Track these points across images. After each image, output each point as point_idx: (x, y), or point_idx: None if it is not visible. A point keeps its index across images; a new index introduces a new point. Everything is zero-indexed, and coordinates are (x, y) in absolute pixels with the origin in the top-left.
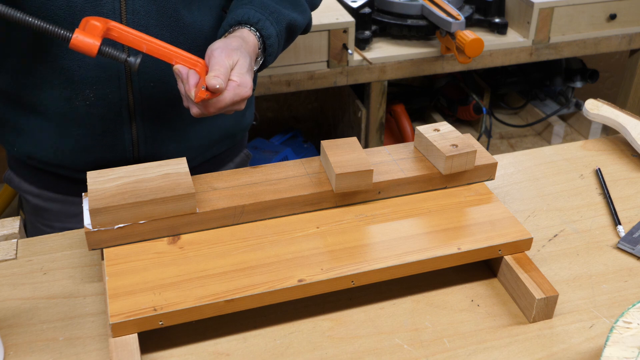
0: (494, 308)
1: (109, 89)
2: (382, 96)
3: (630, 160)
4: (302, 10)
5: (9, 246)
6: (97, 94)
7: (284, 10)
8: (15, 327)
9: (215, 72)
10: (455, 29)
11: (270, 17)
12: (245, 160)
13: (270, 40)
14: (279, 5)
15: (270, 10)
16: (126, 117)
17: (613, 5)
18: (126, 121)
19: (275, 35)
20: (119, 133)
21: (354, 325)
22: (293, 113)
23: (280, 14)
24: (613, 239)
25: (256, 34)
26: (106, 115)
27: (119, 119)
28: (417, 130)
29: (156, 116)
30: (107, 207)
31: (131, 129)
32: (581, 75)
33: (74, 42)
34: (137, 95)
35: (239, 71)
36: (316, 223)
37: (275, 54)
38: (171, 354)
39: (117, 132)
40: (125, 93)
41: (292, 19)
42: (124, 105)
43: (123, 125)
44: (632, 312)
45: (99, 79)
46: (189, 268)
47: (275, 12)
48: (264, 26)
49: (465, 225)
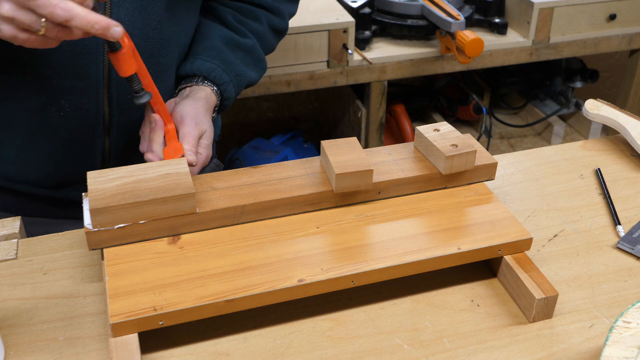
0: (494, 308)
1: (86, 99)
2: (382, 96)
3: (630, 160)
4: (260, 68)
5: (9, 246)
6: (73, 104)
7: (247, 71)
8: (15, 327)
9: (188, 145)
10: (455, 29)
11: (234, 80)
12: (215, 169)
13: (229, 101)
14: (244, 64)
15: (236, 72)
16: (100, 130)
17: (613, 5)
18: (100, 134)
19: (233, 97)
20: (90, 146)
21: (354, 325)
22: (293, 113)
23: (242, 76)
24: (613, 239)
25: (217, 92)
26: (80, 127)
27: (93, 132)
28: (417, 130)
29: (130, 130)
30: (107, 207)
31: (104, 142)
32: (581, 75)
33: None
34: (114, 106)
35: (207, 142)
36: (316, 223)
37: (232, 100)
38: (171, 354)
39: (89, 145)
40: (102, 104)
41: (250, 79)
42: (99, 117)
43: (96, 138)
44: (632, 312)
45: (77, 88)
46: (189, 268)
47: (239, 74)
48: (227, 89)
49: (465, 225)
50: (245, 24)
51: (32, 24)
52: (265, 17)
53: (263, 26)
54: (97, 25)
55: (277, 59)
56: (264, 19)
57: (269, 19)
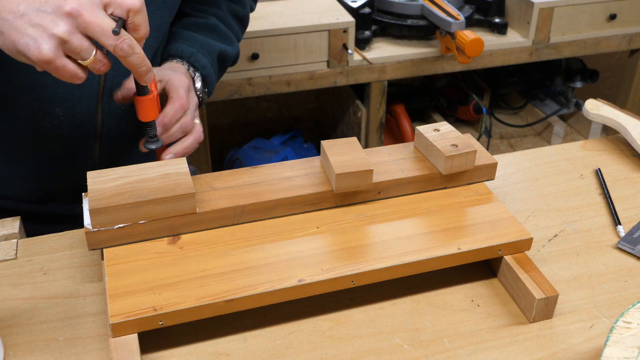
0: (494, 308)
1: (80, 108)
2: (382, 96)
3: (630, 160)
4: (230, 42)
5: (9, 246)
6: (68, 113)
7: (213, 41)
8: (15, 327)
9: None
10: (455, 29)
11: (202, 50)
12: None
13: (206, 70)
14: (207, 38)
15: (201, 43)
16: (92, 139)
17: (613, 5)
18: (91, 144)
19: (210, 65)
20: (81, 156)
21: (354, 325)
22: (293, 113)
23: (210, 45)
24: (613, 239)
25: (189, 67)
26: (72, 136)
27: (85, 141)
28: (417, 130)
29: (121, 140)
30: (107, 207)
31: (94, 152)
32: (581, 75)
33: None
34: (106, 116)
35: (197, 114)
36: (316, 223)
37: (213, 84)
38: (171, 354)
39: (80, 155)
40: (95, 114)
41: (222, 49)
42: (92, 126)
43: (87, 148)
44: (632, 312)
45: (73, 97)
46: (189, 268)
47: (205, 44)
48: (197, 58)
49: (465, 225)
50: (204, 10)
51: (83, 52)
52: (224, 4)
53: (223, 12)
54: (144, 67)
55: (277, 59)
56: (223, 6)
57: (229, 6)
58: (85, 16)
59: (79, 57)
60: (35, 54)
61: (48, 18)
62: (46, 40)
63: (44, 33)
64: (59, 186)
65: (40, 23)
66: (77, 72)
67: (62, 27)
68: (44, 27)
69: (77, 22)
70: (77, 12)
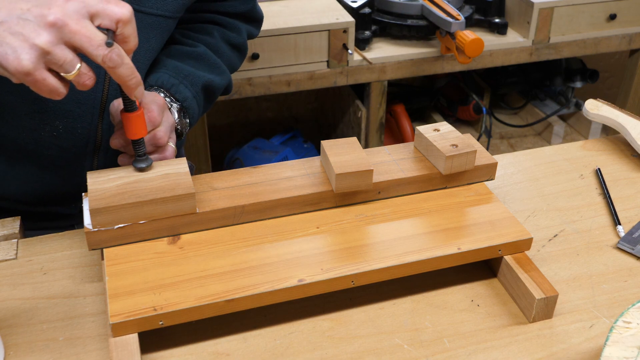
0: (494, 308)
1: (80, 123)
2: (382, 96)
3: (630, 160)
4: (220, 72)
5: (9, 246)
6: (67, 127)
7: (199, 72)
8: (15, 327)
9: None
10: (455, 29)
11: (185, 81)
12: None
13: (187, 102)
14: (193, 68)
15: (185, 74)
16: (90, 150)
17: (613, 5)
18: (90, 153)
19: (192, 97)
20: (80, 165)
21: (354, 325)
22: (293, 113)
23: (194, 76)
24: (613, 239)
25: (166, 98)
26: (71, 147)
27: (83, 151)
28: (417, 130)
29: (119, 153)
30: (107, 207)
31: (92, 162)
32: (581, 75)
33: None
34: (106, 130)
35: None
36: (316, 223)
37: (197, 115)
38: (171, 354)
39: (79, 164)
40: (95, 128)
41: (208, 80)
42: (91, 139)
43: (86, 157)
44: (632, 312)
45: (73, 113)
46: (189, 268)
47: (190, 75)
48: (178, 90)
49: (465, 225)
50: (193, 37)
51: (67, 64)
52: (218, 32)
53: (215, 39)
54: (134, 80)
55: (277, 59)
56: (216, 33)
57: (223, 33)
58: (70, 26)
59: (62, 70)
60: (13, 65)
61: (30, 27)
62: (27, 51)
63: (25, 43)
64: (58, 190)
65: (21, 32)
66: (57, 87)
67: (45, 37)
68: (25, 36)
69: (61, 33)
70: (61, 22)
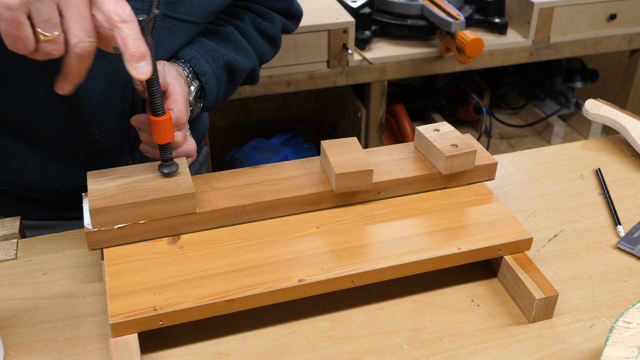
0: (494, 308)
1: (114, 125)
2: (382, 96)
3: (630, 160)
4: (246, 54)
5: (9, 246)
6: (102, 131)
7: (222, 49)
8: (15, 327)
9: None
10: (455, 29)
11: (206, 55)
12: (206, 156)
13: (206, 76)
14: (219, 45)
15: (207, 48)
16: (125, 149)
17: (613, 5)
18: (125, 152)
19: (212, 73)
20: (115, 161)
21: (354, 325)
22: (293, 113)
23: (217, 52)
24: (613, 239)
25: (188, 74)
26: (107, 149)
27: (119, 151)
28: (417, 130)
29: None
30: (107, 207)
31: (127, 159)
32: (581, 75)
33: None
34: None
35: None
36: (316, 223)
37: (215, 93)
38: (171, 354)
39: (114, 161)
40: (128, 128)
41: (231, 58)
42: (125, 138)
43: (121, 156)
44: (632, 312)
45: (106, 116)
46: (189, 268)
47: (212, 50)
48: (198, 63)
49: (465, 225)
50: (222, 18)
51: (50, 23)
52: (249, 17)
53: (245, 24)
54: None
55: (277, 59)
56: (247, 18)
57: (254, 20)
58: None
59: (41, 27)
60: None
61: None
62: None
63: None
64: None
65: None
66: (29, 38)
67: None
68: None
69: None
70: None
